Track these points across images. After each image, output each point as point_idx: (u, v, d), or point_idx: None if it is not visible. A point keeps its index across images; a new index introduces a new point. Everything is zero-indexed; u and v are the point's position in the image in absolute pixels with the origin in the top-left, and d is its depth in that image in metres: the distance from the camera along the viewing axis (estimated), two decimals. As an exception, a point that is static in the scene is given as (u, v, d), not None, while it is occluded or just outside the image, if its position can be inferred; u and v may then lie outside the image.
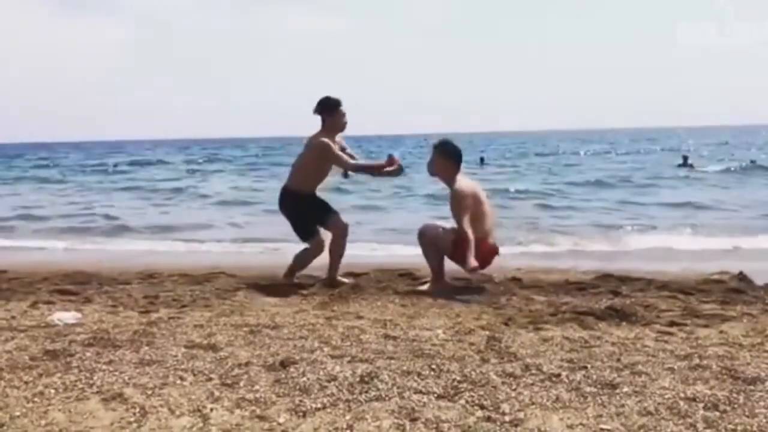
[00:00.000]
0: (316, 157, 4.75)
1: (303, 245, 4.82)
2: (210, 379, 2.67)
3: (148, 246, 7.80)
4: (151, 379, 2.67)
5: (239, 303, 4.23)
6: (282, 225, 5.05)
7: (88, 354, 3.00)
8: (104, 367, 2.82)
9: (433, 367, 2.78)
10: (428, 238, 4.62)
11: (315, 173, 4.84)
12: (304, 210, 4.82)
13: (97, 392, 2.53)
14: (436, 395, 2.48)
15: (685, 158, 22.47)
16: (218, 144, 78.78)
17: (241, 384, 2.62)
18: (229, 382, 2.64)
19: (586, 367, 2.77)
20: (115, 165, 32.94)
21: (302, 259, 4.85)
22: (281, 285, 4.77)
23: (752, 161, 20.78)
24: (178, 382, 2.65)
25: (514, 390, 2.52)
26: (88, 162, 35.57)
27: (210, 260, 6.45)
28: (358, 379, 2.62)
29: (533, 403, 2.40)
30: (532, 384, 2.59)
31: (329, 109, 4.77)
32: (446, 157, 4.66)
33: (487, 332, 3.38)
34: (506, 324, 3.61)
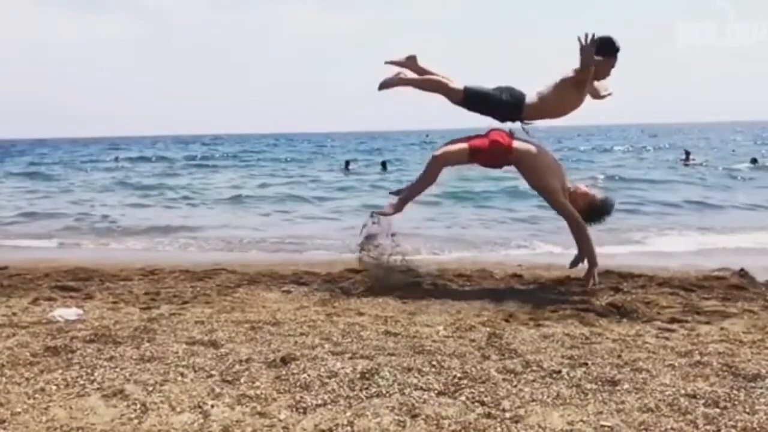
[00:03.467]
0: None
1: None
2: (211, 376, 2.68)
3: (149, 243, 7.80)
4: (151, 376, 2.67)
5: (240, 299, 4.23)
6: (285, 221, 5.04)
7: (89, 350, 3.01)
8: (105, 363, 2.82)
9: (434, 363, 2.78)
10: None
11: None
12: None
13: (98, 389, 2.54)
14: (436, 392, 2.48)
15: (687, 153, 22.44)
16: (220, 140, 78.80)
17: (242, 380, 2.62)
18: (229, 378, 2.64)
19: (586, 364, 2.78)
20: (116, 159, 32.95)
21: None
22: (282, 281, 4.78)
23: (753, 160, 20.72)
24: (179, 378, 2.65)
25: (515, 386, 2.53)
26: (88, 158, 35.57)
27: (211, 257, 6.46)
28: (358, 375, 2.63)
29: (534, 400, 2.40)
30: (533, 380, 2.59)
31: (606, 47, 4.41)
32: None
33: (488, 329, 3.38)
34: (507, 320, 3.61)
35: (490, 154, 4.53)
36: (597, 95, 4.64)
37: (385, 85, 4.76)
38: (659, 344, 3.11)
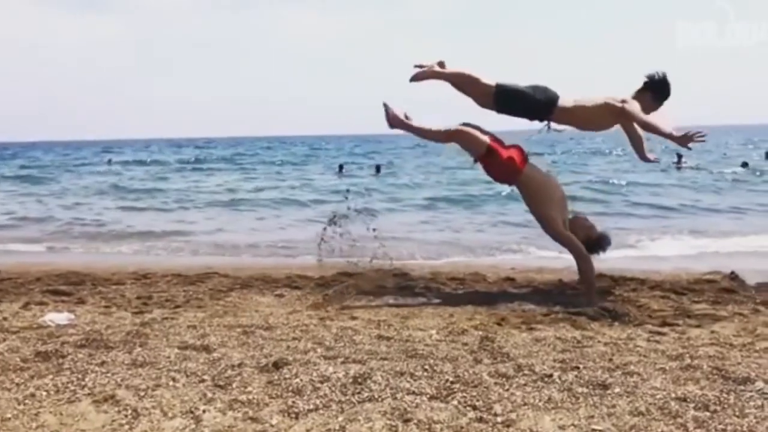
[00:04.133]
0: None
1: None
2: (203, 381, 2.67)
3: (142, 246, 7.78)
4: (143, 381, 2.66)
5: (232, 304, 4.23)
6: (278, 225, 5.05)
7: (80, 355, 2.99)
8: (96, 368, 2.81)
9: (426, 367, 2.78)
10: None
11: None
12: None
13: (89, 394, 2.53)
14: (428, 396, 2.48)
15: (680, 157, 22.54)
16: (213, 142, 78.62)
17: (234, 385, 2.62)
18: (221, 383, 2.64)
19: (578, 368, 2.79)
20: (109, 162, 32.82)
21: None
22: (275, 285, 4.78)
23: (744, 163, 20.83)
24: (171, 383, 2.64)
25: (507, 390, 2.53)
26: (80, 161, 35.41)
27: (203, 260, 6.44)
28: (350, 380, 2.63)
29: (525, 404, 2.41)
30: (525, 384, 2.60)
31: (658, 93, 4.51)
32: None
33: (481, 332, 3.39)
34: (499, 324, 3.62)
35: (500, 165, 4.49)
36: (634, 140, 4.62)
37: (417, 77, 4.65)
38: (650, 348, 3.12)
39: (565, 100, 4.53)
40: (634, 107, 4.40)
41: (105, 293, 4.56)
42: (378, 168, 22.73)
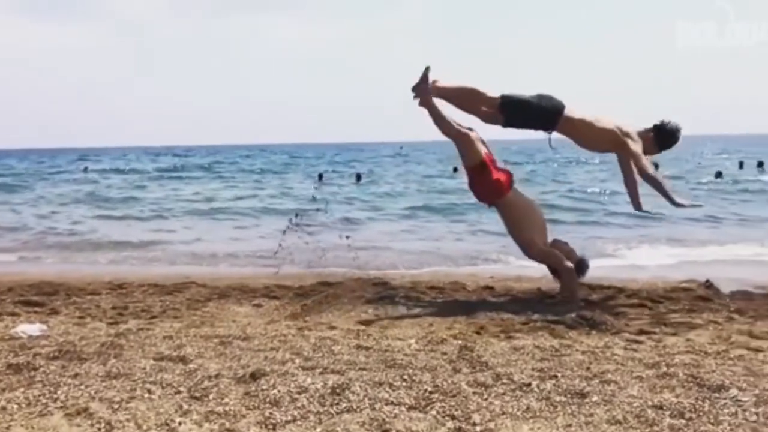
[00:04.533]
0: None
1: None
2: (179, 392, 2.64)
3: (118, 256, 7.67)
4: (117, 393, 2.62)
5: (210, 314, 4.19)
6: (256, 234, 5.02)
7: (52, 367, 2.94)
8: (69, 380, 2.76)
9: (405, 377, 2.78)
10: None
11: None
12: None
13: (62, 407, 2.48)
14: (407, 406, 2.47)
15: (656, 166, 22.83)
16: (192, 151, 78.03)
17: (211, 397, 2.58)
18: (198, 394, 2.61)
19: (556, 376, 2.80)
20: (85, 170, 32.39)
21: None
22: (253, 295, 4.74)
23: (718, 173, 21.17)
24: (146, 395, 2.60)
25: (485, 400, 2.53)
26: (56, 169, 34.91)
27: (180, 270, 6.37)
28: (329, 390, 2.61)
29: (504, 413, 2.41)
30: (503, 393, 2.60)
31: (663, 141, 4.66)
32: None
33: (460, 341, 3.39)
34: (478, 333, 3.63)
35: (488, 183, 4.56)
36: (629, 183, 4.63)
37: (418, 87, 4.59)
38: (627, 356, 3.15)
39: (572, 110, 4.56)
40: (638, 148, 4.46)
41: (79, 303, 4.49)
42: (358, 176, 22.75)
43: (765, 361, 3.04)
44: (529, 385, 2.69)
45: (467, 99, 4.62)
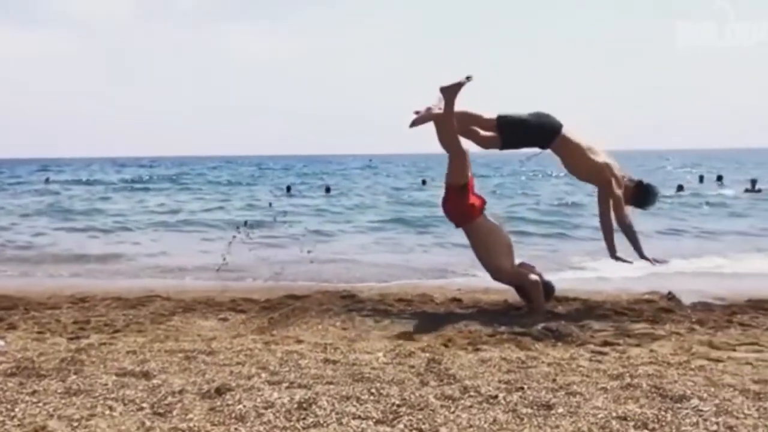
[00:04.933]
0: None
1: None
2: (141, 409, 2.58)
3: (80, 269, 7.50)
4: (77, 410, 2.55)
5: (174, 328, 4.12)
6: (223, 247, 4.97)
7: (9, 384, 2.85)
8: (27, 398, 2.68)
9: (373, 391, 2.76)
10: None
11: None
12: None
13: (19, 425, 2.40)
14: (374, 420, 2.46)
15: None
16: (158, 162, 76.96)
17: (174, 413, 2.54)
18: (161, 411, 2.55)
19: (522, 388, 2.81)
20: (47, 181, 31.69)
21: None
22: (218, 309, 4.68)
23: (679, 187, 21.66)
24: (107, 412, 2.54)
25: (453, 413, 2.53)
26: (15, 180, 34.08)
27: (145, 283, 6.26)
28: (295, 405, 2.58)
29: (471, 426, 2.41)
30: (470, 406, 2.61)
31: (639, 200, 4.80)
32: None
33: (427, 354, 3.39)
34: (446, 345, 3.64)
35: (462, 205, 4.62)
36: (605, 226, 4.75)
37: (415, 123, 4.65)
38: (592, 367, 3.18)
39: (569, 131, 4.64)
40: (620, 194, 4.61)
41: (39, 318, 4.38)
42: (328, 188, 22.73)
43: (724, 371, 3.11)
44: (496, 397, 2.70)
45: (463, 123, 4.62)
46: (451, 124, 4.54)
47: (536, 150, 4.77)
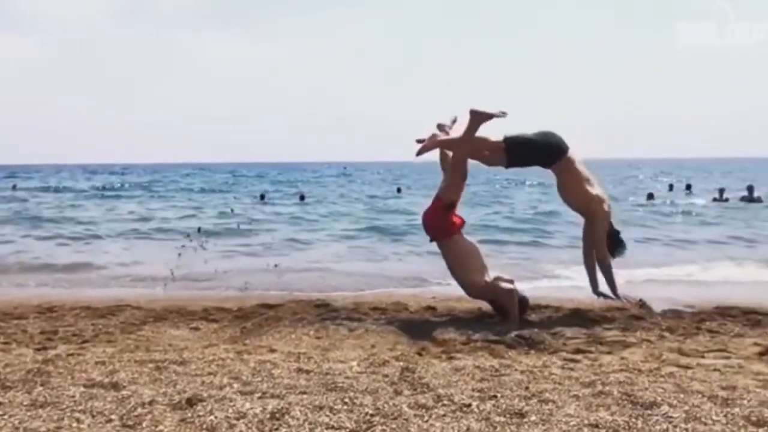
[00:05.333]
0: None
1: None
2: (110, 421, 2.53)
3: (48, 278, 7.35)
4: (43, 423, 2.49)
5: (145, 337, 4.06)
6: (195, 255, 4.91)
7: (-27, 397, 2.78)
8: (-9, 410, 2.61)
9: (346, 400, 2.75)
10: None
11: None
12: None
13: (-19, 439, 2.34)
14: (348, 430, 2.45)
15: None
16: (130, 169, 75.93)
17: (144, 425, 2.49)
18: (130, 423, 2.51)
19: (495, 396, 2.82)
20: (14, 188, 31.04)
21: None
22: (190, 318, 4.62)
23: (650, 195, 22.01)
24: (74, 424, 2.49)
25: (426, 422, 2.53)
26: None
27: (115, 293, 6.16)
28: (268, 416, 2.55)
29: (444, 435, 2.41)
30: (444, 415, 2.61)
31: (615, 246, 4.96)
32: None
33: (401, 363, 3.39)
34: (420, 354, 3.64)
35: (445, 221, 4.72)
36: (588, 260, 4.96)
37: (421, 152, 4.80)
38: (565, 375, 3.21)
39: (574, 152, 4.79)
40: (603, 231, 4.83)
41: (4, 328, 4.28)
42: (302, 196, 22.65)
43: (693, 377, 3.16)
44: (469, 405, 2.70)
45: (471, 146, 4.75)
46: (467, 147, 4.69)
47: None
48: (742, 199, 19.08)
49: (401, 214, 16.74)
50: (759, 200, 18.90)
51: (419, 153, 4.81)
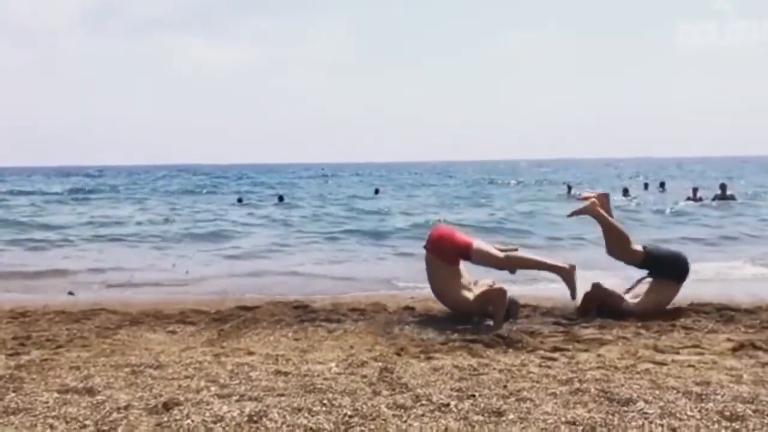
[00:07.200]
0: None
1: None
2: (84, 426, 2.50)
3: (21, 283, 7.22)
4: (16, 430, 2.46)
5: (121, 342, 4.00)
6: (173, 258, 4.85)
7: (-58, 404, 2.72)
8: (-39, 418, 2.56)
9: (325, 402, 2.74)
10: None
11: None
12: None
13: (-49, 448, 2.29)
14: (326, 431, 2.44)
15: (570, 187, 23.88)
16: (106, 171, 74.88)
17: (120, 430, 2.47)
18: (105, 428, 2.48)
19: (474, 396, 2.83)
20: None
21: None
22: (167, 321, 4.57)
23: (625, 191, 22.25)
24: (48, 431, 2.45)
25: (405, 422, 2.53)
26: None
27: (90, 297, 6.07)
28: (246, 418, 2.54)
29: (423, 435, 2.41)
30: (422, 415, 2.61)
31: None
32: None
33: (380, 363, 3.39)
34: (398, 354, 3.64)
35: (455, 254, 4.78)
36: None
37: (576, 213, 5.24)
38: (542, 373, 3.23)
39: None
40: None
41: (-25, 334, 4.19)
42: (281, 198, 22.55)
43: (668, 374, 3.20)
44: (448, 405, 2.71)
45: (617, 238, 5.15)
46: (615, 235, 5.17)
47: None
48: (715, 198, 19.36)
49: (380, 215, 16.75)
50: (732, 198, 19.19)
51: (571, 215, 5.29)
